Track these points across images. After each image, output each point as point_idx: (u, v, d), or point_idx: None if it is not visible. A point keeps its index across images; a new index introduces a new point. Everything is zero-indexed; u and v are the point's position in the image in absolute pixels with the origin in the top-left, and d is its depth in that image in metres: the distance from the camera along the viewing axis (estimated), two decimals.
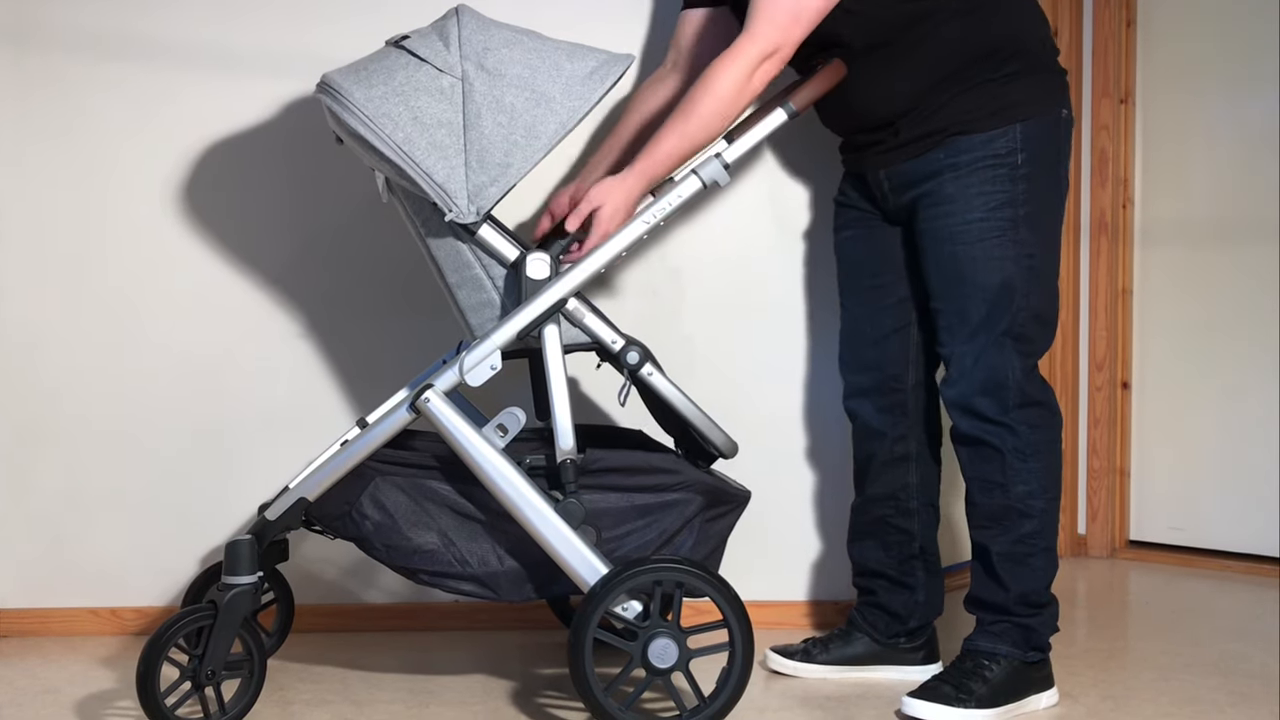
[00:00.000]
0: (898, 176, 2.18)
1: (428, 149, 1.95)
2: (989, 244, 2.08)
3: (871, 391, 2.32)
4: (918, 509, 2.32)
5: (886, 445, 2.31)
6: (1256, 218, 3.20)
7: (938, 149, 2.11)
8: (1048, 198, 2.12)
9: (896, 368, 2.29)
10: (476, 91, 1.97)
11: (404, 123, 1.94)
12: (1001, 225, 2.08)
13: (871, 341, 2.31)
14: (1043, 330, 2.15)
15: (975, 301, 2.10)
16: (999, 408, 2.10)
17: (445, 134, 1.96)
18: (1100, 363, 3.42)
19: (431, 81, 1.97)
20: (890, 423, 2.30)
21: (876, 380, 2.31)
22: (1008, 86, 2.08)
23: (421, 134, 1.95)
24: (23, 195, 2.59)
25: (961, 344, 2.12)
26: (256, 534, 2.05)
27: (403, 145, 1.94)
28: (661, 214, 2.09)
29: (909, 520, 2.32)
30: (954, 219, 2.10)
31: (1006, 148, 2.07)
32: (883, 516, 2.33)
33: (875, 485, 2.33)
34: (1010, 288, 2.08)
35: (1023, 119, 2.08)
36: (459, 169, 1.97)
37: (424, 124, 1.95)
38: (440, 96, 1.96)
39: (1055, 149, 2.12)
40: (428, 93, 1.96)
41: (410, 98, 1.95)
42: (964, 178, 2.09)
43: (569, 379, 2.08)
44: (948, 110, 2.09)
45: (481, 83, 1.97)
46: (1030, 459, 2.11)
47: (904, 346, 2.29)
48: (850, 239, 2.35)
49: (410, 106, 1.95)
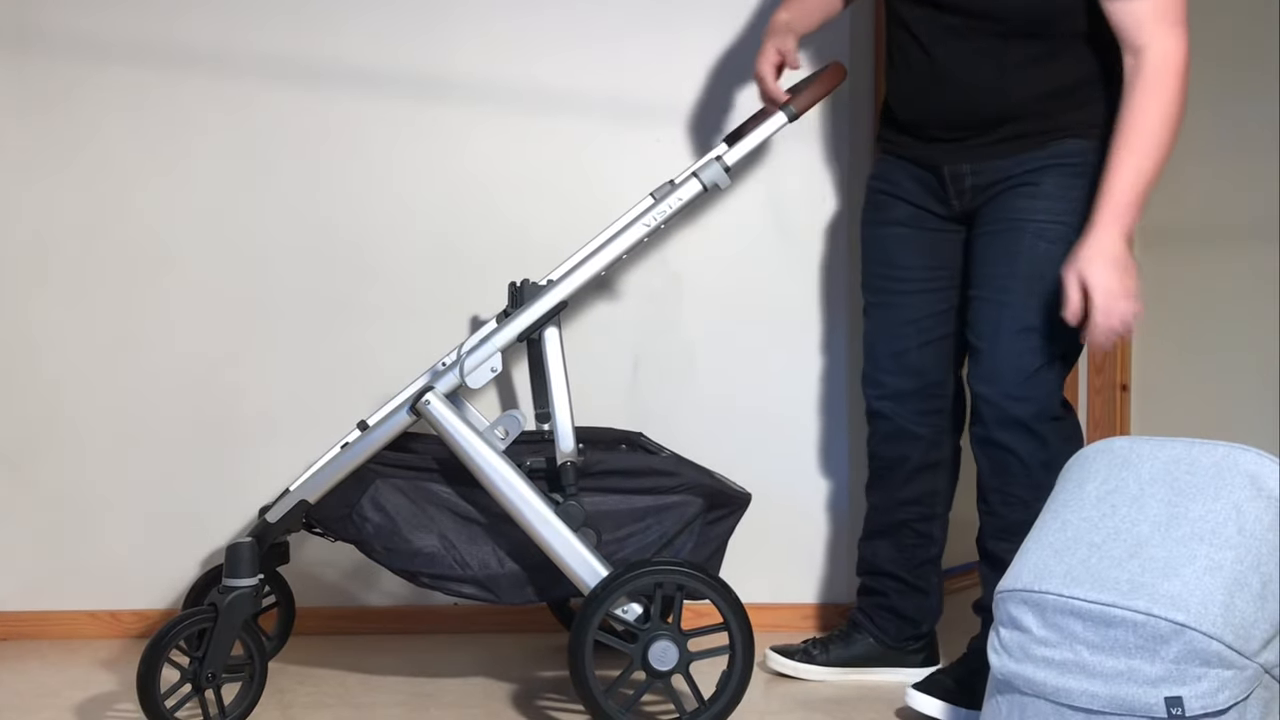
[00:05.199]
0: (987, 172, 2.10)
1: None
2: (1064, 248, 2.00)
3: (912, 396, 2.26)
4: (941, 515, 2.31)
5: (923, 449, 2.27)
6: (1256, 221, 3.20)
7: (1040, 149, 2.05)
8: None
9: (940, 374, 2.24)
10: None
11: None
12: (1075, 233, 2.00)
13: (917, 346, 2.24)
14: (1079, 346, 2.10)
15: (1038, 300, 2.04)
16: (1036, 414, 2.06)
17: None
18: (1100, 365, 3.42)
19: None
20: (931, 427, 2.26)
21: (920, 385, 2.25)
22: (1112, 100, 2.00)
23: None
24: (25, 198, 2.59)
25: (1009, 340, 2.06)
26: (257, 536, 2.06)
27: None
28: (662, 217, 2.09)
29: (932, 525, 2.30)
30: (1044, 216, 2.04)
31: (1097, 160, 2.00)
32: (906, 520, 2.30)
33: (906, 488, 2.29)
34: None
35: (1101, 136, 2.01)
36: None
37: None
38: None
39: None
40: None
41: None
42: (1066, 179, 2.02)
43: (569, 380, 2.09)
44: (1074, 113, 2.03)
45: None
46: (1054, 472, 2.01)
47: (949, 352, 2.24)
48: (897, 236, 2.25)
49: None
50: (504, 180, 2.62)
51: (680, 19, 2.61)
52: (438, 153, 2.61)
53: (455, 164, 2.62)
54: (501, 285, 2.30)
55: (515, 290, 2.21)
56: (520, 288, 2.20)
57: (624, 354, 2.65)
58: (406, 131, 2.61)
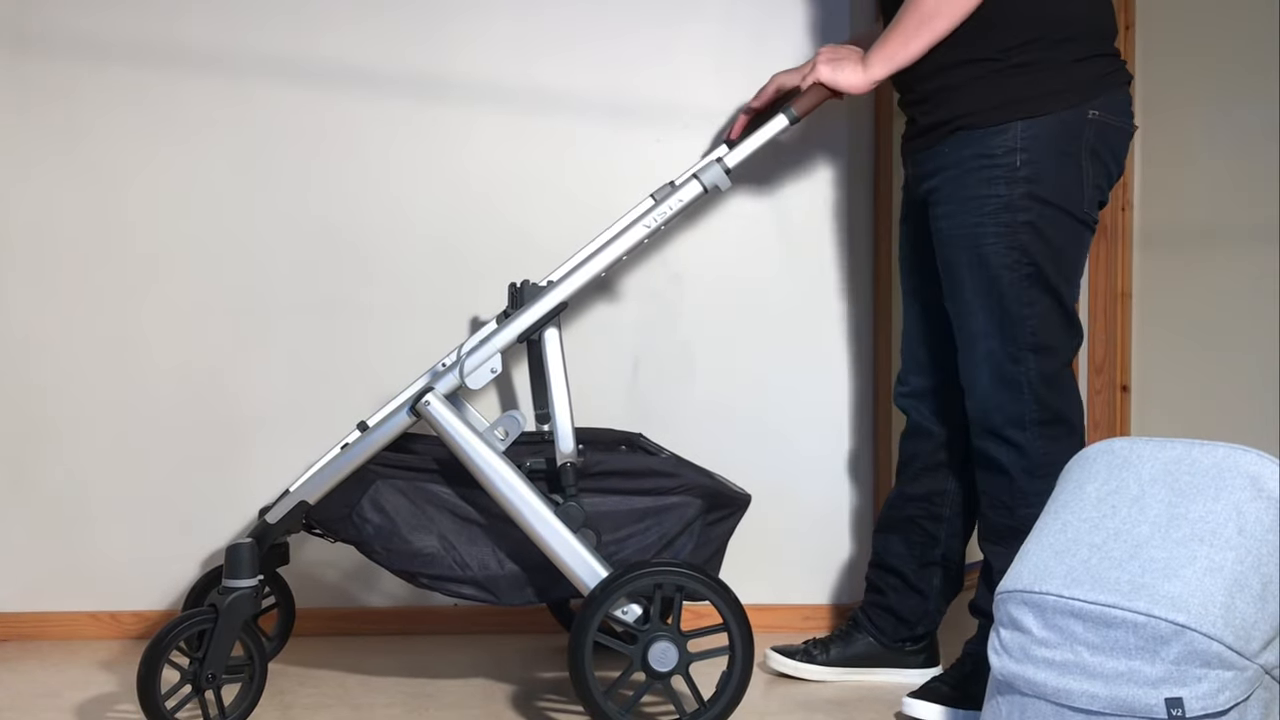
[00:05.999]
0: (917, 165, 2.13)
1: None
2: (985, 250, 2.01)
3: (927, 393, 2.26)
4: (949, 516, 2.29)
5: (931, 448, 2.27)
6: (1256, 221, 3.20)
7: (942, 143, 2.05)
8: (1056, 200, 2.00)
9: (954, 373, 2.20)
10: None
11: None
12: (999, 231, 2.00)
13: (929, 343, 2.25)
14: (1065, 335, 2.06)
15: (985, 303, 2.04)
16: (1015, 424, 2.05)
17: None
18: (1100, 366, 3.42)
19: None
20: (945, 426, 2.25)
21: (934, 383, 2.25)
22: (1015, 79, 1.97)
23: None
24: (25, 198, 2.59)
25: (968, 350, 2.08)
26: (257, 537, 2.06)
27: None
28: (662, 218, 2.09)
29: (937, 526, 2.29)
30: (951, 221, 2.05)
31: (1004, 147, 1.98)
32: (913, 516, 2.30)
33: (914, 485, 2.30)
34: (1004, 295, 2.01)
35: (1025, 116, 1.97)
36: None
37: None
38: None
39: (1065, 148, 1.98)
40: None
41: None
42: (964, 178, 2.02)
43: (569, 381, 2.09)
44: (957, 97, 2.01)
45: None
46: (1041, 478, 2.03)
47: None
48: (904, 233, 2.28)
49: None
50: (504, 181, 2.62)
51: (680, 19, 2.61)
52: (437, 153, 2.61)
53: (454, 164, 2.62)
54: (501, 286, 2.30)
55: (515, 291, 2.21)
56: (520, 289, 2.20)
57: (624, 354, 2.65)
58: (405, 131, 2.61)
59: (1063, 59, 1.98)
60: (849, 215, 2.66)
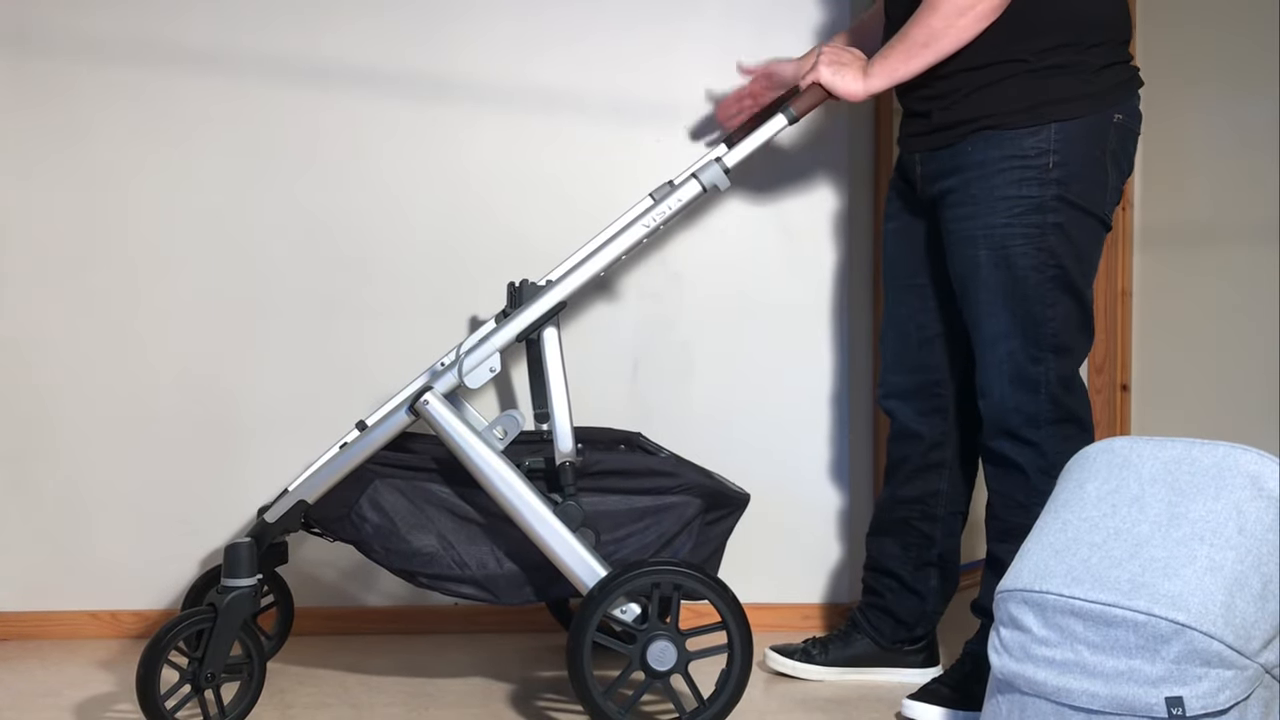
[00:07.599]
0: (927, 163, 2.11)
1: None
2: (1012, 251, 2.00)
3: (912, 394, 2.26)
4: (944, 516, 2.29)
5: (922, 449, 2.27)
6: (1256, 220, 3.20)
7: (964, 141, 2.02)
8: (1083, 203, 2.00)
9: (939, 373, 2.23)
10: None
11: None
12: (1027, 233, 1.99)
13: (916, 344, 2.24)
14: (1083, 336, 2.07)
15: (1007, 304, 2.03)
16: (1031, 424, 2.04)
17: None
18: (1100, 365, 3.42)
19: None
20: (929, 427, 2.25)
21: (918, 383, 2.25)
22: (1049, 81, 1.96)
23: None
24: (25, 198, 2.59)
25: (987, 351, 2.06)
26: (256, 537, 2.05)
27: None
28: (661, 218, 2.08)
29: (933, 526, 2.29)
30: (974, 221, 2.03)
31: (1037, 149, 1.97)
32: (907, 519, 2.30)
33: (906, 488, 2.29)
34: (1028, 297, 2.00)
35: (1059, 118, 1.96)
36: None
37: None
38: None
39: (1093, 151, 1.99)
40: None
41: None
42: (991, 178, 2.00)
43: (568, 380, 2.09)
44: (984, 96, 1.99)
45: None
46: (1056, 477, 1.99)
47: (948, 350, 2.22)
48: (892, 231, 2.27)
49: None
50: (503, 180, 2.62)
51: (680, 19, 2.61)
52: (436, 153, 2.61)
53: (454, 164, 2.62)
54: (500, 285, 2.30)
55: (514, 290, 2.21)
56: (519, 288, 2.20)
57: (624, 354, 2.65)
58: (405, 131, 2.60)
59: (1094, 62, 1.98)
60: (849, 215, 2.66)
